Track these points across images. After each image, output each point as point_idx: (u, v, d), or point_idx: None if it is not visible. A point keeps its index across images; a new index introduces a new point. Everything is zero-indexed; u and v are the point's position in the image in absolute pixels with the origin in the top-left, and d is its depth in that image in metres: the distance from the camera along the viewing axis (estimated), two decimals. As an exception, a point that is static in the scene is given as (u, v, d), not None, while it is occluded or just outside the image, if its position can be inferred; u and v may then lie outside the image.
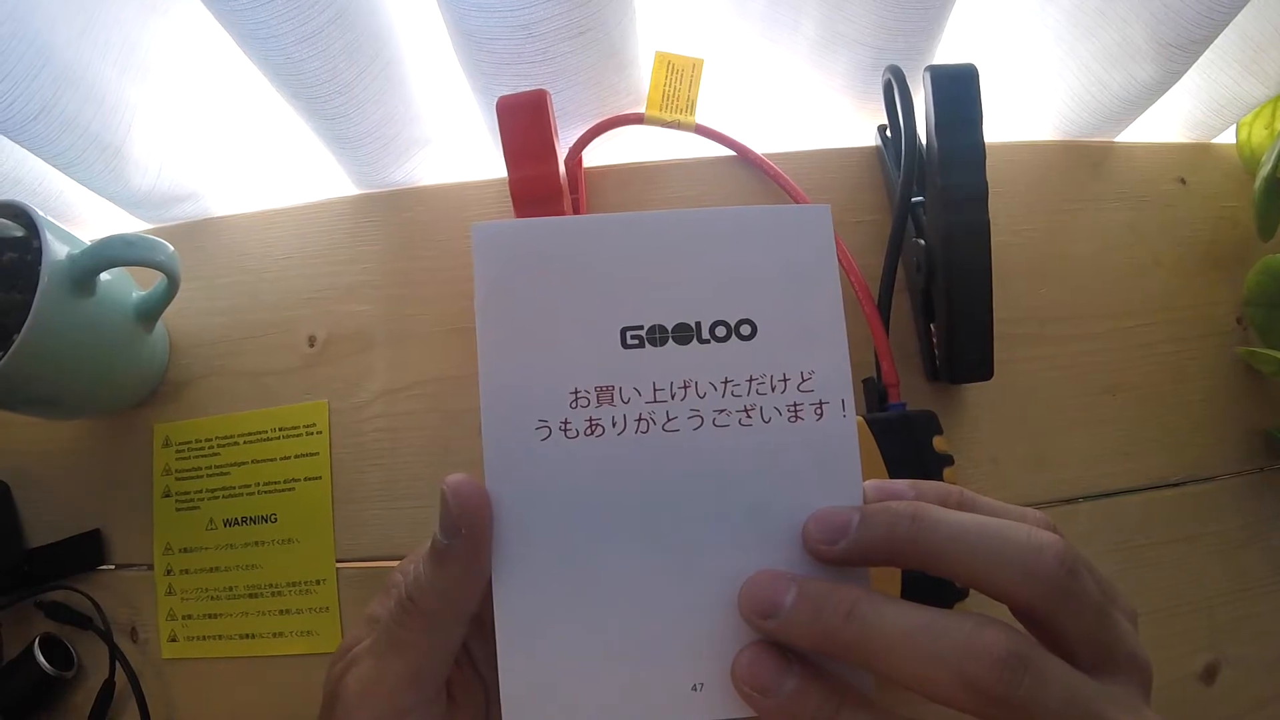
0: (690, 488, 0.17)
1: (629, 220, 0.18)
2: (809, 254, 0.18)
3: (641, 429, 0.17)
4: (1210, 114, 0.39)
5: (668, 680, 0.17)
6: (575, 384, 0.17)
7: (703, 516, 0.17)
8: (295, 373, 0.37)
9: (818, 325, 0.18)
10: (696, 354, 0.17)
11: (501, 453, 0.17)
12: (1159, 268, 0.38)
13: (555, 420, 0.17)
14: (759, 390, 0.17)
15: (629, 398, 0.17)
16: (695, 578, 0.17)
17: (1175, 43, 0.33)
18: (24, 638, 0.34)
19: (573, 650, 0.17)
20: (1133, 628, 0.18)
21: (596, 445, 0.17)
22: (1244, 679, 0.34)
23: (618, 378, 0.17)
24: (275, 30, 0.29)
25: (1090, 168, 0.39)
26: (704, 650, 0.17)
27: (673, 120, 0.34)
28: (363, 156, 0.36)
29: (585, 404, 0.17)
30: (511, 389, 0.17)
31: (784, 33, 0.35)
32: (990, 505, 0.18)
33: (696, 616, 0.17)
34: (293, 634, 0.34)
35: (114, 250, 0.31)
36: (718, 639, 0.17)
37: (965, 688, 0.15)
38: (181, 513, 0.36)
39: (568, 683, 0.17)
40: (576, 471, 0.17)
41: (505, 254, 0.18)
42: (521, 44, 0.30)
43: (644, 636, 0.17)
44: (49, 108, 0.32)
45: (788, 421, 0.17)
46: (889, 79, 0.32)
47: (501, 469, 0.17)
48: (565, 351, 0.17)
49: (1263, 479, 0.37)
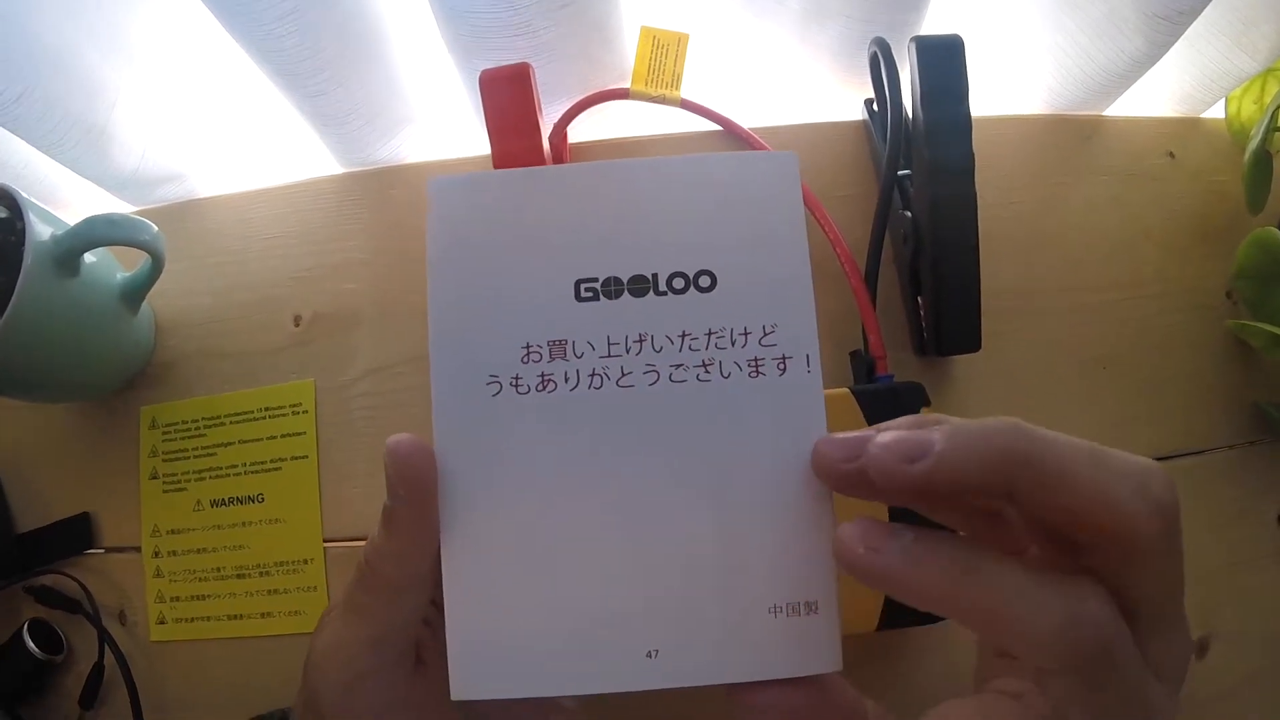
0: (646, 446, 0.17)
1: (583, 170, 0.17)
2: (773, 202, 0.17)
3: (595, 384, 0.17)
4: (1199, 88, 0.39)
5: (622, 646, 0.16)
6: (527, 338, 0.17)
7: (658, 475, 0.17)
8: (281, 352, 0.36)
9: (782, 277, 0.17)
10: (653, 306, 0.17)
11: (451, 409, 0.17)
12: (1148, 241, 0.38)
13: (506, 376, 0.17)
14: (718, 344, 0.17)
15: (582, 352, 0.17)
16: (650, 540, 0.17)
17: (1162, 14, 0.33)
18: (13, 623, 0.34)
19: (523, 613, 0.17)
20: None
21: (549, 401, 0.17)
22: (1235, 652, 0.34)
23: (571, 332, 0.17)
24: (254, 6, 0.29)
25: (1079, 141, 0.39)
26: (660, 616, 0.17)
27: (658, 95, 0.34)
28: (346, 134, 0.35)
29: (538, 359, 0.17)
30: (462, 344, 0.17)
31: (769, 6, 0.35)
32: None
33: (652, 580, 0.17)
34: (281, 614, 0.34)
35: (98, 230, 0.31)
36: (674, 604, 0.17)
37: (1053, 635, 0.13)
38: (169, 494, 0.36)
39: (517, 646, 0.17)
40: (528, 428, 0.17)
41: (459, 207, 0.17)
42: (504, 16, 0.30)
43: (597, 600, 0.17)
44: (32, 89, 0.31)
45: (748, 377, 0.17)
46: (875, 51, 0.32)
47: (451, 426, 0.17)
48: (517, 305, 0.17)
49: (1253, 452, 0.37)
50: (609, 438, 0.17)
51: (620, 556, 0.17)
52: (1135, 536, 0.14)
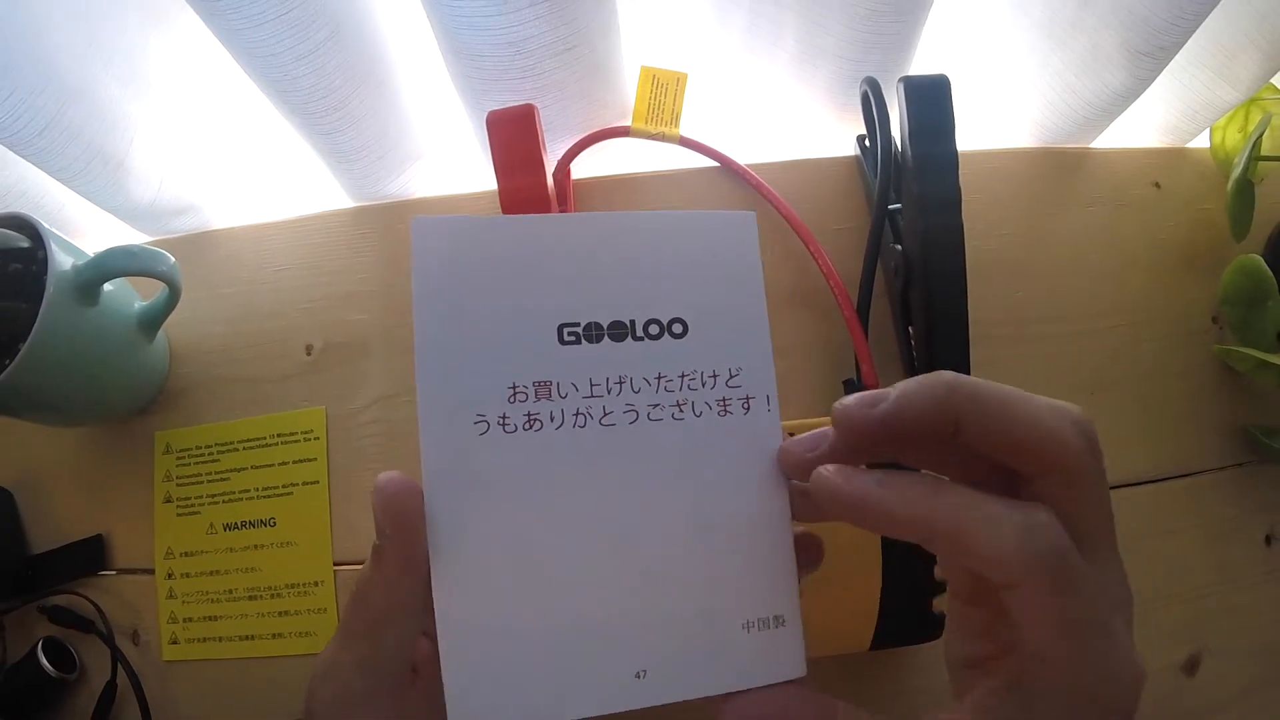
0: (628, 480, 0.18)
1: (566, 220, 0.18)
2: (735, 257, 0.19)
3: (579, 423, 0.18)
4: (1184, 119, 0.40)
5: (611, 668, 0.17)
6: (513, 379, 0.18)
7: (640, 507, 0.18)
8: (293, 380, 0.37)
9: (743, 325, 0.19)
10: (631, 351, 0.18)
11: (439, 447, 0.17)
12: (1136, 269, 0.39)
13: (494, 415, 0.17)
14: (690, 386, 0.18)
15: (566, 393, 0.18)
16: (634, 566, 0.18)
17: (1145, 50, 0.34)
18: (27, 641, 0.35)
19: (514, 642, 0.17)
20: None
21: (535, 439, 0.17)
22: (1226, 670, 0.35)
23: (555, 373, 0.18)
24: (273, 49, 0.30)
25: (1067, 173, 0.40)
26: (646, 638, 0.17)
27: (658, 132, 0.35)
28: (358, 170, 0.37)
29: (523, 399, 0.18)
30: (449, 384, 0.17)
31: (765, 47, 0.36)
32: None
33: (638, 604, 0.18)
34: (291, 635, 0.35)
35: (117, 261, 0.32)
36: (659, 626, 0.18)
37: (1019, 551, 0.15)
38: (182, 517, 0.37)
39: (512, 675, 0.17)
40: (515, 465, 0.17)
41: (444, 249, 0.18)
42: (510, 60, 0.31)
43: (586, 626, 0.17)
44: (54, 122, 0.33)
45: (717, 415, 0.18)
46: (866, 90, 0.33)
47: (440, 463, 0.17)
48: (503, 347, 0.18)
49: (1241, 473, 0.37)
50: (593, 472, 0.18)
51: (606, 584, 0.18)
52: (1070, 459, 0.16)
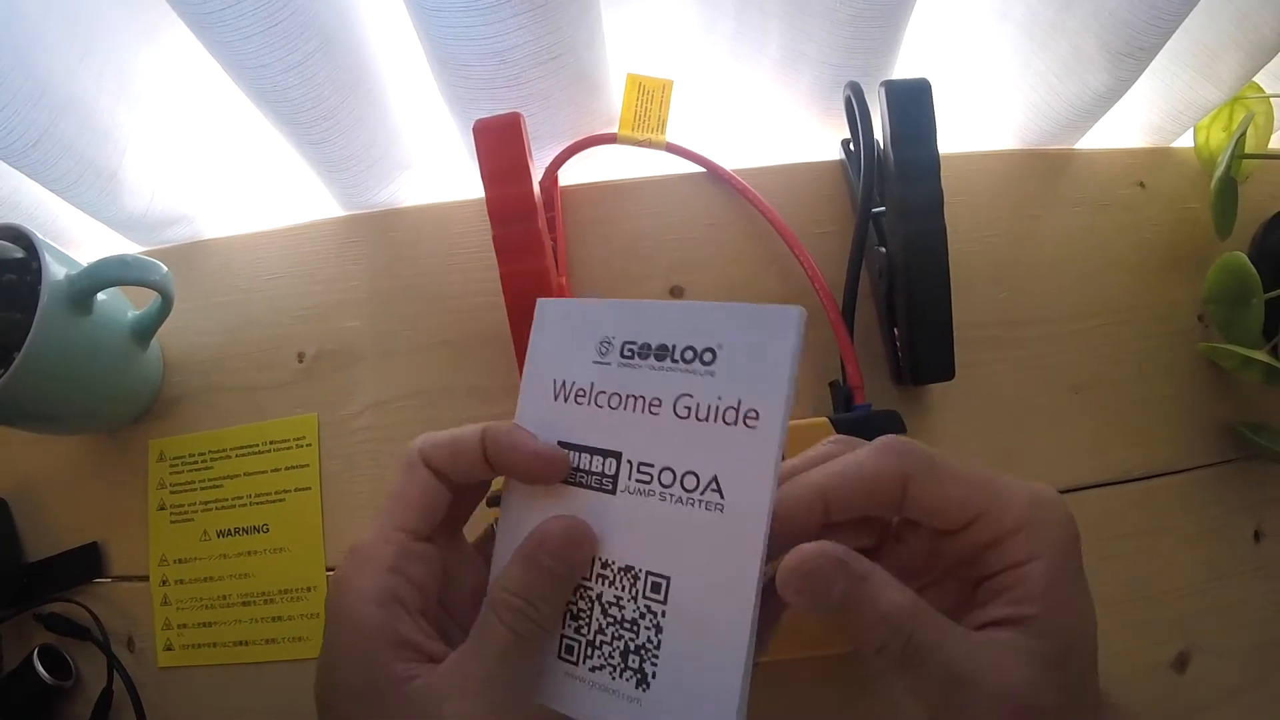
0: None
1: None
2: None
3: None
4: (1168, 119, 0.41)
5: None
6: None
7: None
8: (285, 388, 0.38)
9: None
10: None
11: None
12: (1121, 269, 0.39)
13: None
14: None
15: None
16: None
17: (1125, 51, 0.34)
18: (24, 649, 0.35)
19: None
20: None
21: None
22: (1216, 667, 0.35)
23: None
24: (263, 60, 0.31)
25: (1051, 174, 0.40)
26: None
27: (644, 139, 0.36)
28: (348, 179, 0.37)
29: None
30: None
31: (750, 53, 0.37)
32: (940, 494, 0.19)
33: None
34: (285, 640, 0.35)
35: (111, 270, 0.32)
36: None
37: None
38: (176, 525, 0.37)
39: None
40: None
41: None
42: (496, 70, 0.32)
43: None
44: (48, 135, 0.33)
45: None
46: (849, 95, 0.34)
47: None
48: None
49: (1228, 470, 0.38)
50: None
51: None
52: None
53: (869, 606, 0.17)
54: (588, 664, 0.20)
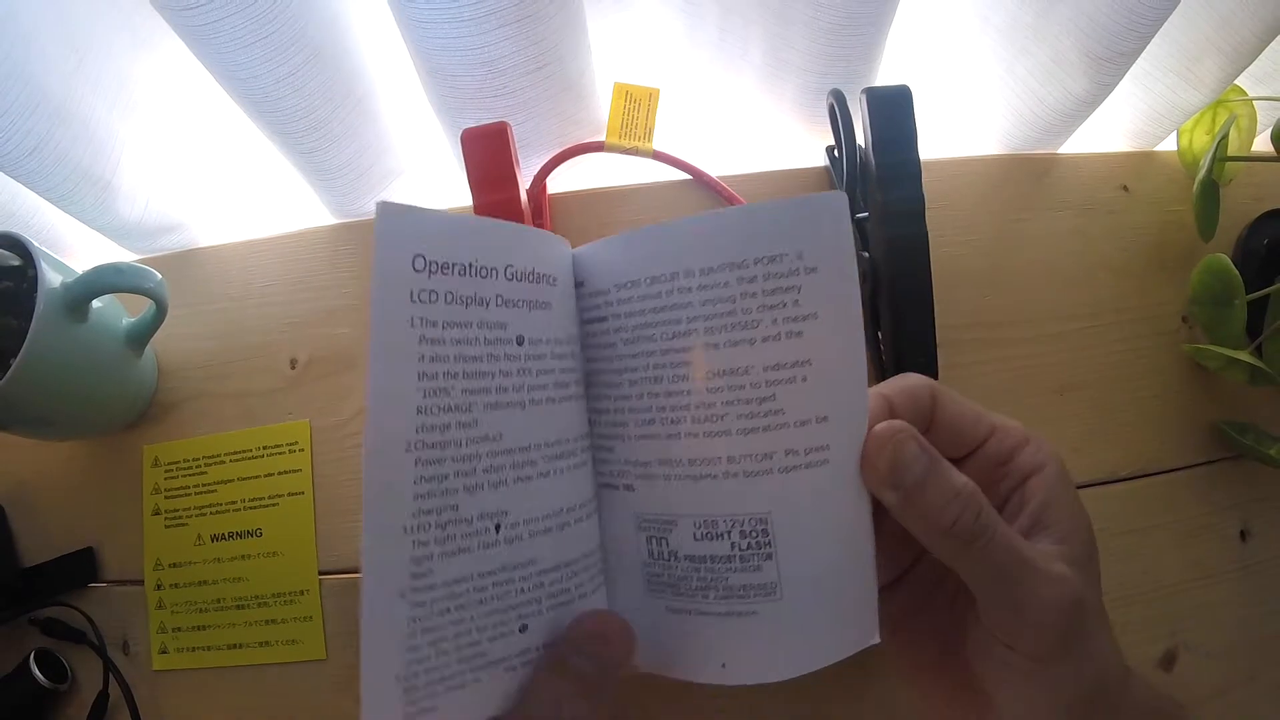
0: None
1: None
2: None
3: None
4: (1151, 123, 0.41)
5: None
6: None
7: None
8: (278, 393, 0.38)
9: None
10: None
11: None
12: (1105, 271, 0.40)
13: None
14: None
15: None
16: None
17: (1105, 56, 0.35)
18: (19, 653, 0.35)
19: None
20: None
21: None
22: (1203, 665, 0.35)
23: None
24: (255, 71, 0.31)
25: (1035, 179, 0.41)
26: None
27: (631, 147, 0.36)
28: (339, 187, 0.37)
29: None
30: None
31: (734, 62, 0.37)
32: (959, 408, 0.21)
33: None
34: (278, 643, 0.36)
35: (106, 278, 0.33)
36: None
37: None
38: (170, 529, 0.37)
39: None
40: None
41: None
42: (484, 80, 0.32)
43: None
44: (43, 144, 0.33)
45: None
46: (832, 102, 0.34)
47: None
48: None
49: (1214, 470, 0.38)
50: None
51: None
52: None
53: (945, 483, 0.18)
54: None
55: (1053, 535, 0.19)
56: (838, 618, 0.19)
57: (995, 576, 0.18)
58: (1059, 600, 0.18)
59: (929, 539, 0.18)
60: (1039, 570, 0.18)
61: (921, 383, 0.20)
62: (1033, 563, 0.18)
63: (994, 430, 0.20)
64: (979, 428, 0.20)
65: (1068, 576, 0.18)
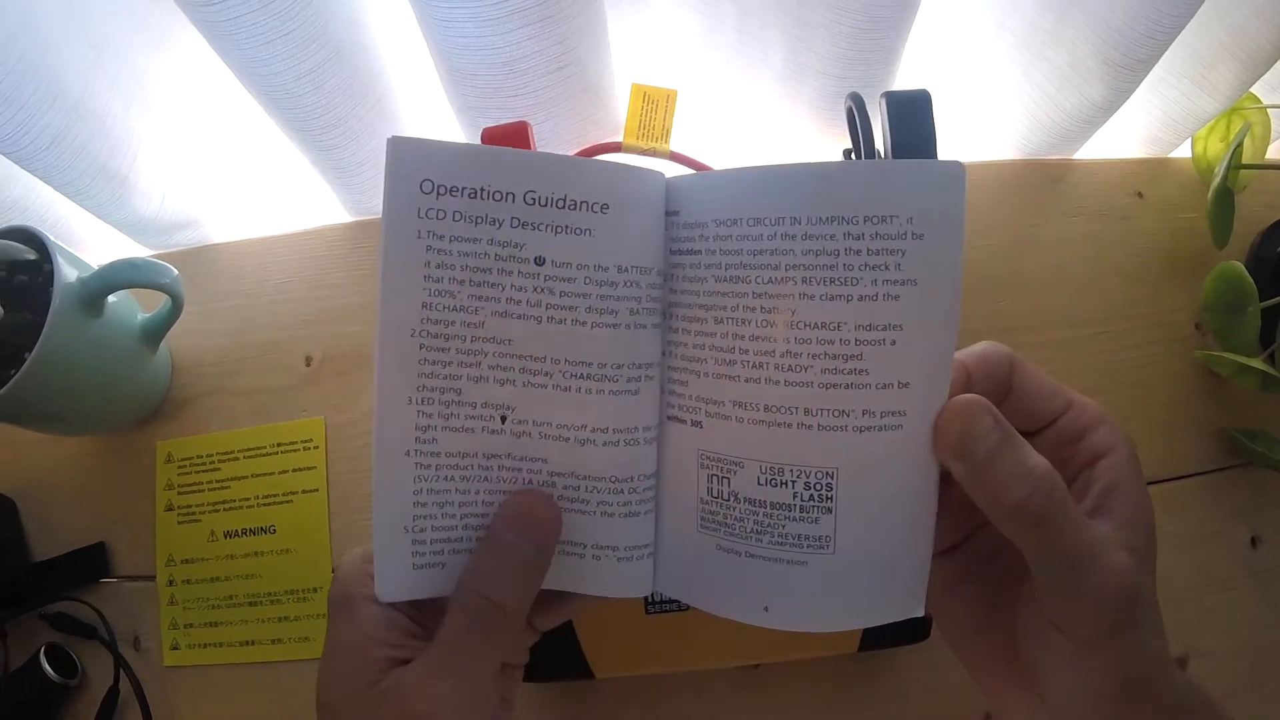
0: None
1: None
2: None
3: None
4: (1165, 130, 0.41)
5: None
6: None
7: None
8: (292, 390, 0.38)
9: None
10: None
11: None
12: (1118, 277, 0.40)
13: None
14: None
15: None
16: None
17: (1122, 63, 0.35)
18: (30, 647, 0.35)
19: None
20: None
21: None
22: (1213, 671, 0.35)
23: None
24: (275, 68, 0.31)
25: (1049, 184, 0.41)
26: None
27: (649, 148, 0.36)
28: (356, 185, 0.37)
29: None
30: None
31: (753, 64, 0.37)
32: (1036, 380, 0.20)
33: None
34: (291, 640, 0.36)
35: (122, 273, 0.33)
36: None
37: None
38: (183, 525, 0.37)
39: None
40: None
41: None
42: (505, 79, 0.32)
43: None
44: (61, 138, 0.33)
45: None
46: (850, 105, 0.34)
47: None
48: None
49: (1225, 477, 0.38)
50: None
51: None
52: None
53: (1016, 460, 0.18)
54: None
55: (1115, 520, 0.19)
56: (887, 582, 0.19)
57: (1058, 561, 0.18)
58: (1116, 592, 0.18)
59: (994, 512, 0.18)
60: (1100, 559, 0.18)
61: (1001, 352, 0.20)
62: (1095, 551, 0.18)
63: (1070, 406, 0.20)
64: (1055, 402, 0.20)
65: (1127, 567, 0.18)
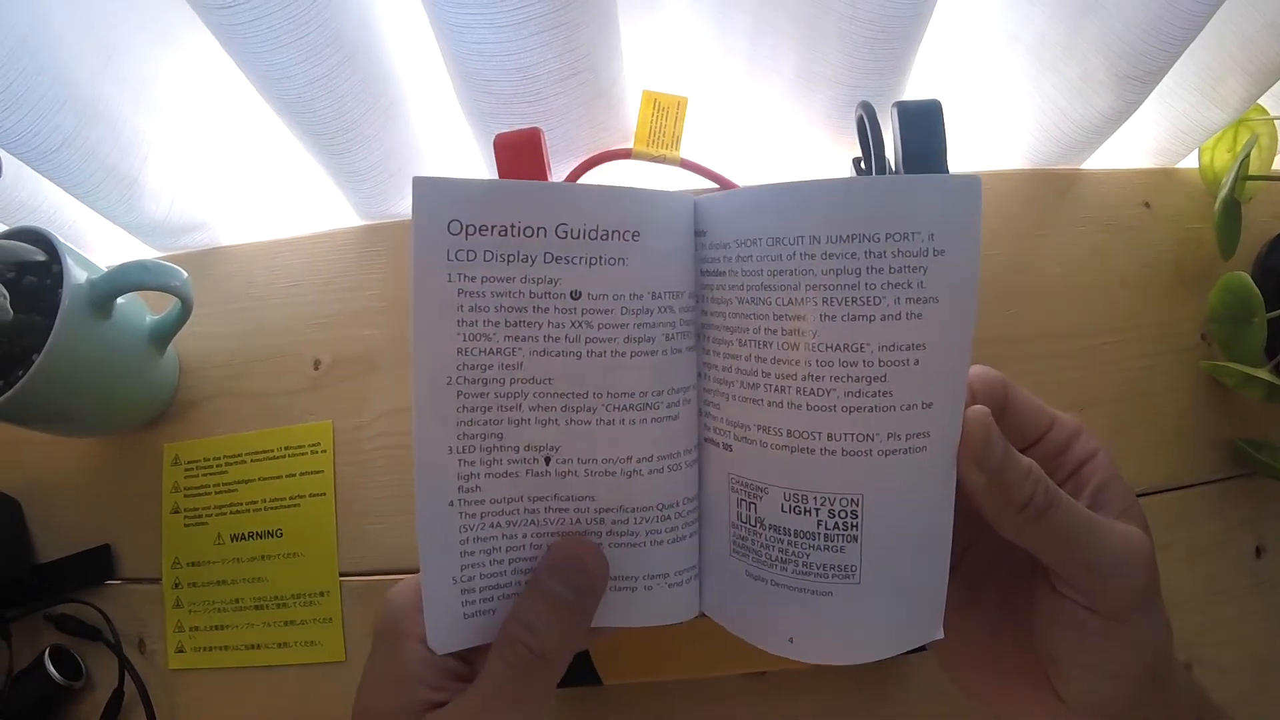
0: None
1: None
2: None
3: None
4: (1173, 140, 0.41)
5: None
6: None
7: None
8: (301, 394, 0.38)
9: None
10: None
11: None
12: (1125, 288, 0.40)
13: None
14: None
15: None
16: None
17: (1132, 74, 0.35)
18: (35, 649, 0.35)
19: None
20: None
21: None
22: (1217, 681, 0.35)
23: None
24: (289, 71, 0.31)
25: (1057, 194, 0.41)
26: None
27: (659, 155, 0.36)
28: (367, 190, 0.37)
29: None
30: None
31: (765, 72, 0.37)
32: (1026, 399, 0.22)
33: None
34: (297, 644, 0.36)
35: (131, 275, 0.33)
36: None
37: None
38: (190, 528, 0.37)
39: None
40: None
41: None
42: (517, 86, 0.32)
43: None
44: (70, 139, 0.33)
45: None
46: (861, 115, 0.34)
47: None
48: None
49: (1230, 487, 0.38)
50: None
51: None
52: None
53: (1017, 463, 0.18)
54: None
55: (1114, 510, 0.20)
56: (910, 608, 0.19)
57: (1070, 540, 0.18)
58: (1137, 552, 0.18)
59: (1004, 516, 0.18)
60: (1114, 529, 0.19)
61: (995, 374, 0.21)
62: (1108, 525, 0.19)
63: (1054, 421, 0.21)
64: (1042, 418, 0.21)
65: (1140, 533, 0.19)
